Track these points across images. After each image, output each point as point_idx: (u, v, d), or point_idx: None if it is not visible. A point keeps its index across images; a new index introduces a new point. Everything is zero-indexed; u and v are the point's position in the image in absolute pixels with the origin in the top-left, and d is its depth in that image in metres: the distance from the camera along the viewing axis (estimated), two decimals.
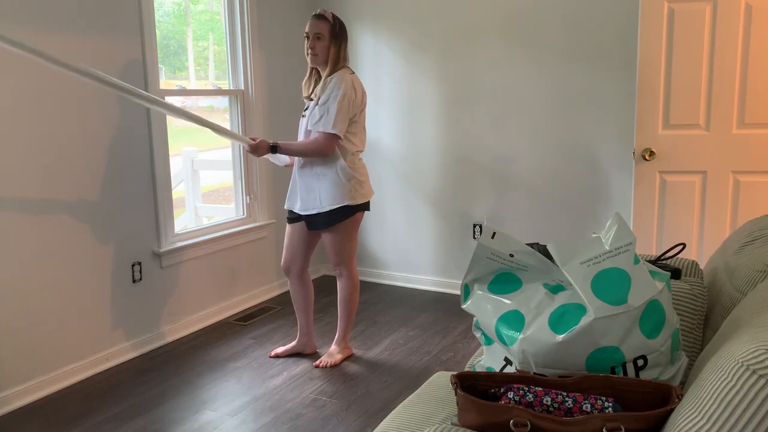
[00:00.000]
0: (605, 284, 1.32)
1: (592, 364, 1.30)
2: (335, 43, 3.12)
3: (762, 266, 1.67)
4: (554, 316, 1.35)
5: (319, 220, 3.15)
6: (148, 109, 3.45)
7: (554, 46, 3.92)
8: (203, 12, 4.19)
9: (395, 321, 3.95)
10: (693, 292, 1.73)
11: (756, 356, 0.92)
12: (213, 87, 4.20)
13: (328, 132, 3.02)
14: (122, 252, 3.38)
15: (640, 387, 1.24)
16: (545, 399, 1.21)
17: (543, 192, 4.09)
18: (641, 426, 1.12)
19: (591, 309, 1.30)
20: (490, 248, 1.52)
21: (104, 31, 3.20)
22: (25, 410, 2.90)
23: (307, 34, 3.13)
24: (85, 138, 3.15)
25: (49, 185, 3.01)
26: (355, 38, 4.54)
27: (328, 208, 3.11)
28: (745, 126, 3.44)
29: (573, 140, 3.95)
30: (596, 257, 1.36)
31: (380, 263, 4.74)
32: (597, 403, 1.19)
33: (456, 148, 4.32)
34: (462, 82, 4.23)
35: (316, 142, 3.04)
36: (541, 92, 4.00)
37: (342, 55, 3.14)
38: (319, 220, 3.15)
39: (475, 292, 1.57)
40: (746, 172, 3.47)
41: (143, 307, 3.52)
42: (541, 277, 1.50)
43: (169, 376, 3.23)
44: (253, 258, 4.28)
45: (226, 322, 3.97)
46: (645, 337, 1.30)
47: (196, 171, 5.47)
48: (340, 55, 3.12)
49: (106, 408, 2.91)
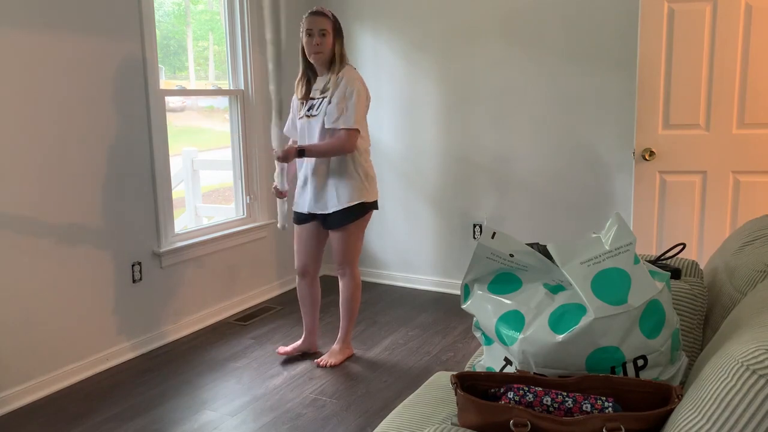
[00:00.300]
0: (605, 284, 1.32)
1: (592, 364, 1.30)
2: (339, 40, 3.11)
3: (762, 266, 1.67)
4: (554, 316, 1.35)
5: (336, 217, 3.15)
6: (148, 109, 3.45)
7: (554, 46, 3.92)
8: (203, 12, 4.19)
9: (395, 321, 3.95)
10: (693, 292, 1.73)
11: (756, 356, 0.92)
12: (213, 87, 4.20)
13: (351, 128, 3.01)
14: (122, 252, 3.38)
15: (640, 387, 1.24)
16: (545, 399, 1.21)
17: (543, 192, 4.09)
18: (641, 426, 1.12)
19: (591, 309, 1.30)
20: (490, 248, 1.52)
21: (104, 31, 3.20)
22: (25, 410, 2.90)
23: (310, 31, 3.06)
24: (85, 138, 3.15)
25: (50, 185, 3.01)
26: (355, 38, 4.54)
27: (346, 205, 3.10)
28: (745, 126, 3.44)
29: (573, 140, 3.95)
30: (596, 257, 1.36)
31: (380, 263, 4.74)
32: (597, 403, 1.19)
33: (456, 148, 4.32)
34: (462, 82, 4.23)
35: (341, 139, 3.03)
36: (541, 92, 4.00)
37: (344, 51, 3.13)
38: (336, 218, 3.15)
39: (475, 292, 1.57)
40: (746, 172, 3.47)
41: (143, 307, 3.52)
42: (541, 277, 1.50)
43: (169, 376, 3.23)
44: (253, 258, 4.28)
45: (226, 322, 3.97)
46: (645, 337, 1.30)
47: (196, 171, 5.47)
48: (343, 52, 3.11)
49: (106, 408, 2.91)
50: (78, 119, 3.11)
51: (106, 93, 3.23)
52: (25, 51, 2.87)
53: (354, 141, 3.05)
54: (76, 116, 3.10)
